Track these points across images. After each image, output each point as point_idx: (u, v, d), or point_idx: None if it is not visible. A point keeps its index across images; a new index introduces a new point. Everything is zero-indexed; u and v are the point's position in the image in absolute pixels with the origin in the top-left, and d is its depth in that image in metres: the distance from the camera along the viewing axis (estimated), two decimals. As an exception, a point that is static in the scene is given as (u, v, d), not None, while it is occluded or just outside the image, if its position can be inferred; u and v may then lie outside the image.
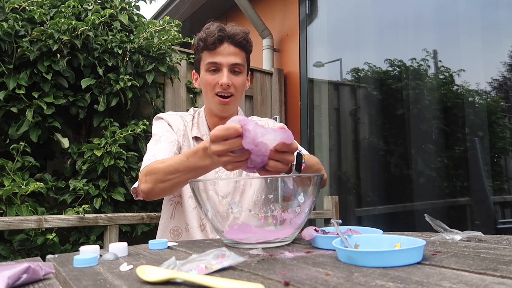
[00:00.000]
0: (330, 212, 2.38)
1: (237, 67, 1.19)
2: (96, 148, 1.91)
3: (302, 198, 0.76)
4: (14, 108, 1.84)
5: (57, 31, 1.90)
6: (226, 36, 1.16)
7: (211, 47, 1.16)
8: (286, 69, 3.21)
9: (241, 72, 1.21)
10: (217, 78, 1.17)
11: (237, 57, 1.18)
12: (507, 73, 2.01)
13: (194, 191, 0.80)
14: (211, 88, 1.19)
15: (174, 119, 1.27)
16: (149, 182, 1.05)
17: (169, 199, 1.25)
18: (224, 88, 1.17)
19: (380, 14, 2.71)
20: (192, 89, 2.59)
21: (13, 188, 1.68)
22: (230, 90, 1.18)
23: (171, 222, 1.23)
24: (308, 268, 0.55)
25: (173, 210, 1.24)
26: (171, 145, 1.18)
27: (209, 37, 1.15)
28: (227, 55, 1.17)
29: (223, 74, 1.16)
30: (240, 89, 1.22)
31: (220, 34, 1.15)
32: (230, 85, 1.17)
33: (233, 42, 1.18)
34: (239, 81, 1.20)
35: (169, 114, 1.29)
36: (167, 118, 1.26)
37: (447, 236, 0.78)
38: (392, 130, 2.56)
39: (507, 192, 2.08)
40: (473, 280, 0.44)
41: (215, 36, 1.15)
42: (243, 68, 1.21)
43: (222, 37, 1.16)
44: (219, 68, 1.18)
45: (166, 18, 2.31)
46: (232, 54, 1.18)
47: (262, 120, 1.38)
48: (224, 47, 1.17)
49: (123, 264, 0.60)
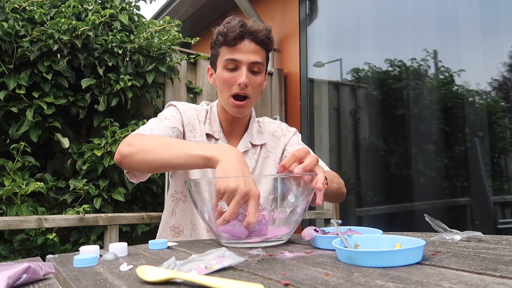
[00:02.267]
0: (330, 212, 2.38)
1: (256, 66, 1.12)
2: (96, 148, 1.91)
3: (294, 197, 0.76)
4: (14, 108, 1.84)
5: (57, 31, 1.91)
6: (248, 32, 1.09)
7: (232, 43, 1.09)
8: (286, 69, 3.21)
9: (260, 71, 1.13)
10: (235, 77, 1.10)
11: (258, 55, 1.11)
12: (507, 73, 2.01)
13: (190, 191, 0.80)
14: (228, 87, 1.12)
15: (188, 110, 1.20)
16: (132, 146, 0.96)
17: (171, 194, 1.20)
18: (242, 88, 1.10)
19: (380, 14, 2.71)
20: (192, 89, 2.59)
21: (13, 188, 1.68)
22: (247, 91, 1.11)
23: (172, 218, 1.19)
24: (308, 268, 0.55)
25: (174, 206, 1.19)
26: (171, 130, 1.10)
27: (230, 32, 1.08)
28: (247, 52, 1.10)
29: (242, 73, 1.09)
30: (257, 90, 1.15)
31: (242, 30, 1.08)
32: (248, 85, 1.10)
33: (255, 39, 1.10)
34: (258, 82, 1.13)
35: (184, 104, 1.22)
36: (181, 108, 1.19)
37: (447, 236, 0.78)
38: (392, 130, 2.56)
39: (507, 192, 2.08)
40: (473, 280, 0.44)
41: (236, 31, 1.07)
42: (263, 67, 1.14)
43: (243, 33, 1.09)
44: (238, 66, 1.10)
45: (166, 18, 2.31)
46: (253, 52, 1.10)
47: (275, 122, 1.33)
48: (245, 43, 1.10)
49: (123, 264, 0.60)
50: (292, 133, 1.31)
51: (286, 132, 1.30)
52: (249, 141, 1.23)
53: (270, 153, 1.26)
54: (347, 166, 2.88)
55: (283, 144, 1.28)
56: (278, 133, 1.30)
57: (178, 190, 1.20)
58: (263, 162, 1.24)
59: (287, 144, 1.29)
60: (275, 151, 1.27)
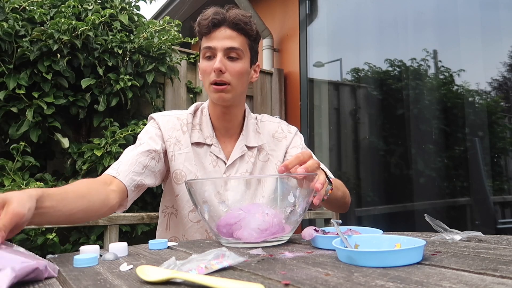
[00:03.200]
0: (330, 212, 2.38)
1: (234, 52, 1.06)
2: (96, 148, 1.91)
3: (294, 197, 0.76)
4: (14, 108, 1.84)
5: (57, 31, 1.91)
6: (222, 19, 1.06)
7: (206, 30, 1.07)
8: (286, 69, 3.21)
9: (239, 58, 1.07)
10: (212, 64, 1.05)
11: (234, 41, 1.06)
12: (507, 73, 2.01)
13: (191, 191, 0.79)
14: (207, 75, 1.07)
15: (168, 122, 1.14)
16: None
17: (162, 210, 1.18)
18: (218, 74, 1.04)
19: (380, 14, 2.71)
20: (192, 89, 2.59)
21: (13, 188, 1.68)
22: (224, 78, 1.05)
23: (167, 233, 1.16)
24: (308, 268, 0.55)
25: (167, 221, 1.16)
26: (145, 155, 1.05)
27: (203, 20, 1.07)
28: (222, 39, 1.05)
29: (217, 59, 1.05)
30: (239, 77, 1.07)
31: (216, 17, 1.05)
32: (223, 70, 1.04)
33: (230, 25, 1.06)
34: (236, 68, 1.06)
35: (163, 115, 1.16)
36: (160, 121, 1.14)
37: (447, 236, 0.78)
38: (392, 130, 2.56)
39: (507, 192, 2.08)
40: (473, 280, 0.44)
41: (209, 19, 1.05)
42: (242, 54, 1.07)
43: (217, 21, 1.06)
44: (214, 54, 1.06)
45: (166, 18, 2.31)
46: (228, 37, 1.06)
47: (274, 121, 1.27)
48: (220, 30, 1.06)
49: (123, 264, 0.60)
50: (293, 134, 1.25)
51: (287, 133, 1.24)
52: (244, 145, 1.16)
53: (270, 156, 1.19)
54: (347, 166, 2.88)
55: (284, 147, 1.21)
56: (279, 134, 1.23)
57: (168, 205, 1.17)
58: (262, 166, 1.18)
59: (289, 146, 1.22)
60: (276, 154, 1.20)
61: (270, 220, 0.74)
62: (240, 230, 0.75)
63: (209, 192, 0.77)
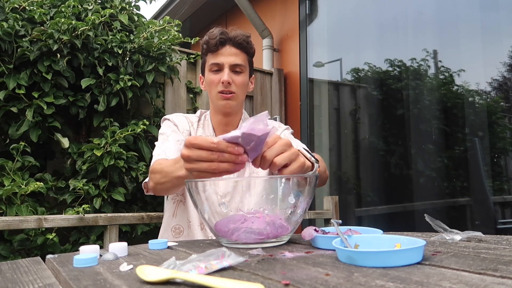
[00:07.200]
0: (330, 212, 2.38)
1: (238, 67, 1.26)
2: (96, 148, 1.91)
3: (295, 198, 0.76)
4: (14, 108, 1.84)
5: (57, 31, 1.90)
6: (228, 38, 1.25)
7: (214, 48, 1.25)
8: (286, 69, 3.21)
9: (242, 72, 1.28)
10: (219, 77, 1.25)
11: (238, 58, 1.26)
12: (507, 73, 2.01)
13: (191, 191, 0.79)
14: (214, 86, 1.26)
15: (179, 119, 1.35)
16: (152, 181, 1.13)
17: (172, 197, 1.30)
18: (225, 86, 1.24)
19: (380, 14, 2.71)
20: (192, 89, 2.59)
21: (13, 188, 1.68)
22: (231, 89, 1.25)
23: (173, 220, 1.27)
24: (308, 268, 0.55)
25: (175, 208, 1.29)
26: (178, 143, 1.25)
27: (211, 39, 1.25)
28: (228, 55, 1.25)
29: (224, 73, 1.24)
30: (242, 87, 1.28)
31: (222, 37, 1.24)
32: (231, 83, 1.25)
33: (234, 44, 1.26)
34: (240, 80, 1.27)
35: (175, 115, 1.37)
36: (173, 119, 1.34)
37: (447, 236, 0.78)
38: (392, 130, 2.56)
39: (507, 192, 2.08)
40: (473, 280, 0.44)
41: (217, 38, 1.24)
42: (244, 68, 1.28)
43: (224, 40, 1.25)
44: (221, 68, 1.26)
45: (166, 18, 2.31)
46: (233, 54, 1.26)
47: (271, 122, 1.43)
48: (226, 48, 1.25)
49: (123, 264, 0.60)
50: (283, 128, 1.39)
51: (277, 128, 1.38)
52: None
53: None
54: (347, 166, 2.88)
55: None
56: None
57: (179, 192, 1.28)
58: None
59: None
60: None
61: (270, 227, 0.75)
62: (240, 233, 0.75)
63: (209, 192, 0.77)
